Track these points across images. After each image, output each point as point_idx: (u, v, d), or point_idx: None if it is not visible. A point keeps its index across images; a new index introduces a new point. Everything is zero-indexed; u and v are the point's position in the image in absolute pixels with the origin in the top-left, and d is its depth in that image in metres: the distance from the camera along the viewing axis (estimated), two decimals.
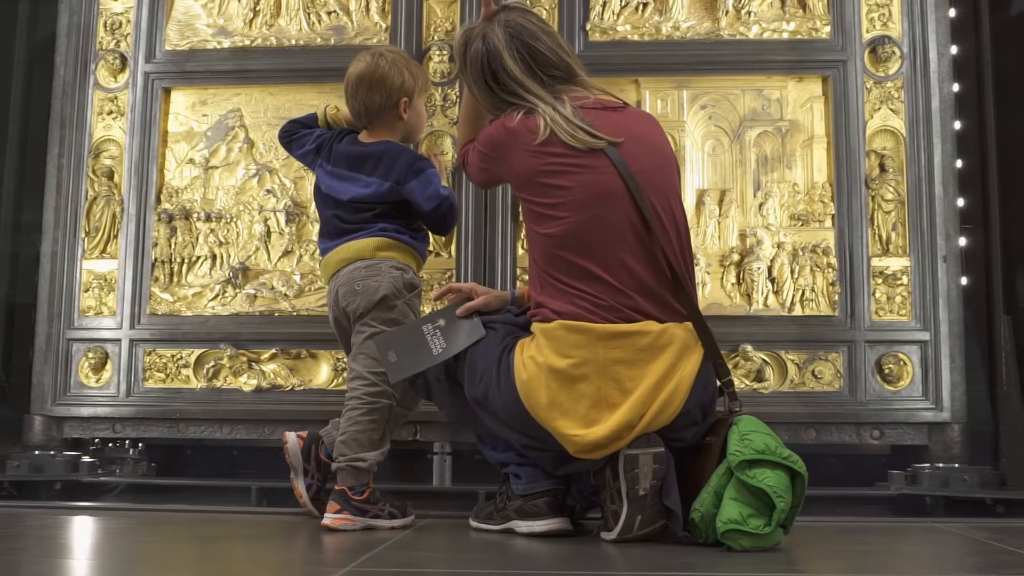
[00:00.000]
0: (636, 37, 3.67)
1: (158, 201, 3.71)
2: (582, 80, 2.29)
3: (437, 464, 3.52)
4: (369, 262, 2.43)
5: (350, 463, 2.27)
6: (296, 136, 2.68)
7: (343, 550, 1.95)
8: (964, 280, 3.51)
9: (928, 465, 3.37)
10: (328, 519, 2.24)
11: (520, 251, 3.56)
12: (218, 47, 3.75)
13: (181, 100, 3.78)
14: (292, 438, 2.53)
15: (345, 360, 3.55)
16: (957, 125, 3.57)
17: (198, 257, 3.68)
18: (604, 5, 3.69)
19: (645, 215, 2.10)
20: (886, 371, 3.45)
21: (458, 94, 3.63)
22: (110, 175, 3.73)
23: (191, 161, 3.74)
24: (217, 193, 3.72)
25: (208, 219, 3.68)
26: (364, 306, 2.40)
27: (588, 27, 3.67)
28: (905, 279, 3.49)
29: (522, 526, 2.17)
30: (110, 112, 3.76)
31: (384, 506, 2.32)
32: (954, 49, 3.60)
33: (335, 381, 3.58)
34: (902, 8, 3.61)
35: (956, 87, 3.58)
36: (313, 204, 3.64)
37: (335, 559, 1.82)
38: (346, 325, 2.48)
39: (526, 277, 3.50)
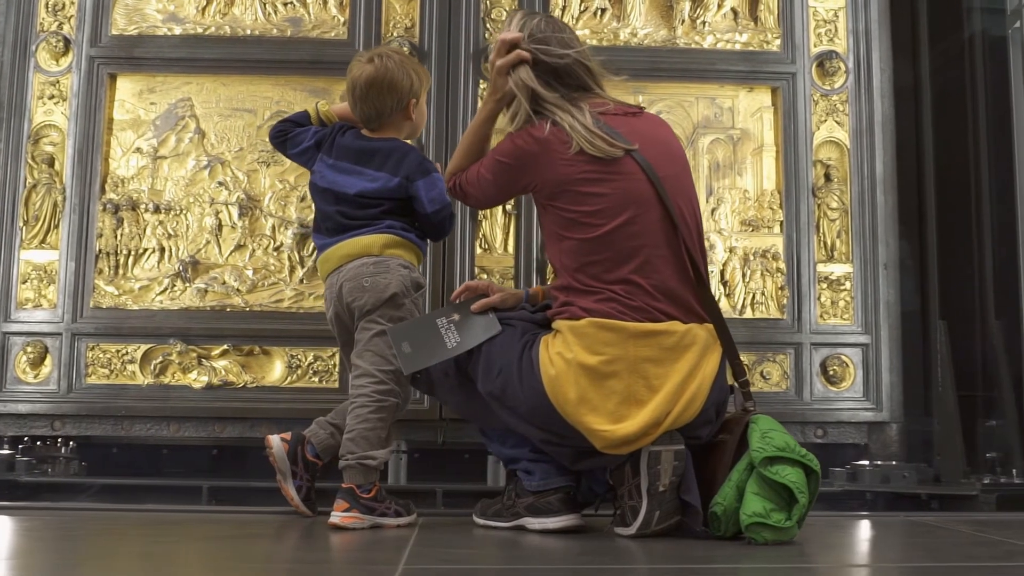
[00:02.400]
0: (594, 41, 3.71)
1: (103, 191, 3.57)
2: (600, 87, 2.32)
3: (392, 462, 3.51)
4: (377, 259, 2.40)
5: (360, 461, 2.24)
6: (291, 135, 2.61)
7: (365, 548, 1.93)
8: (902, 286, 3.68)
9: (867, 463, 3.53)
10: (336, 517, 2.20)
11: (479, 250, 3.57)
12: (168, 34, 3.64)
13: (127, 87, 3.65)
14: (276, 442, 2.45)
15: (297, 357, 3.53)
16: (897, 138, 3.74)
17: (145, 249, 3.56)
18: (563, 9, 3.74)
19: (673, 218, 2.15)
20: (830, 372, 3.59)
21: None
22: (51, 162, 3.57)
23: (138, 150, 3.61)
24: (166, 184, 3.61)
25: (156, 211, 3.57)
26: (372, 303, 2.37)
27: None
28: (848, 284, 3.64)
29: (535, 523, 2.18)
30: (51, 96, 3.61)
31: (390, 504, 2.29)
32: (895, 66, 3.77)
33: (289, 378, 3.52)
34: (847, 25, 3.77)
35: (897, 102, 3.75)
36: (267, 198, 3.61)
37: (374, 557, 1.79)
38: (347, 322, 2.44)
39: (484, 276, 3.55)
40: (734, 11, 3.77)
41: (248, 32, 3.66)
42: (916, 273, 3.75)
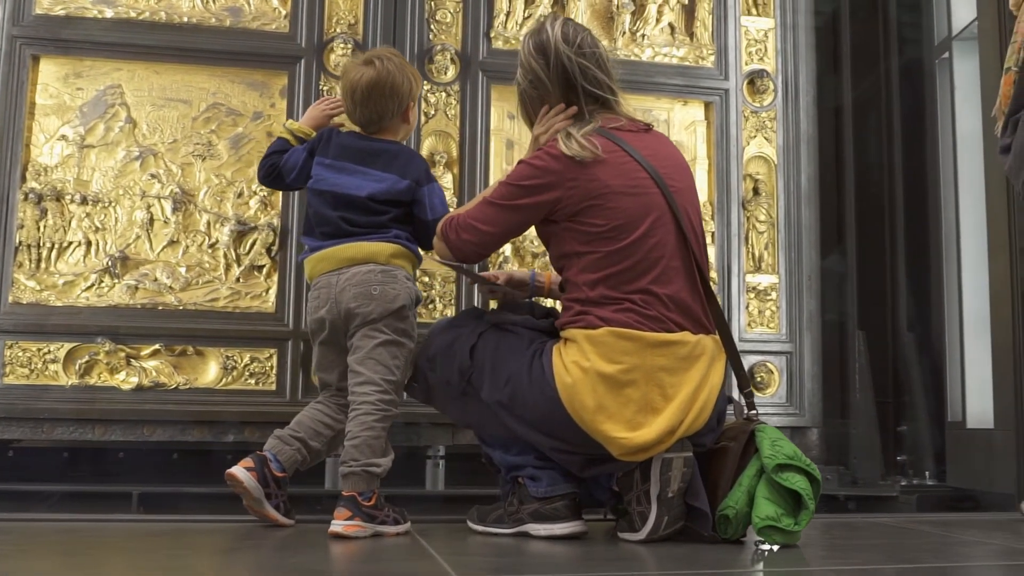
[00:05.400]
0: None
1: (23, 179, 3.37)
2: (618, 104, 2.33)
3: (330, 464, 3.44)
4: (384, 267, 2.34)
5: (365, 468, 2.18)
6: (281, 165, 2.50)
7: (389, 559, 1.88)
8: (824, 297, 3.86)
9: None
10: (339, 526, 2.13)
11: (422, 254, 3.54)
12: (99, 16, 3.46)
13: (51, 70, 3.45)
14: (243, 474, 2.30)
15: (233, 358, 3.42)
16: (820, 157, 3.92)
17: (70, 243, 3.38)
18: (508, 15, 3.75)
19: (685, 232, 2.19)
20: (757, 379, 3.73)
21: None
22: None
23: (63, 138, 3.42)
24: (93, 174, 3.43)
25: (83, 202, 3.39)
26: (379, 313, 2.31)
27: (492, 35, 3.71)
28: (774, 295, 3.80)
29: (540, 529, 2.18)
30: None
31: (389, 512, 2.25)
32: (820, 87, 3.95)
33: (224, 380, 3.41)
34: (776, 45, 3.93)
35: (820, 122, 3.93)
36: (202, 193, 3.48)
37: (415, 569, 1.76)
38: (339, 324, 2.36)
39: (427, 279, 3.53)
40: (671, 26, 3.87)
41: (185, 19, 3.52)
42: (836, 285, 3.94)
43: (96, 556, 1.99)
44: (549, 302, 2.74)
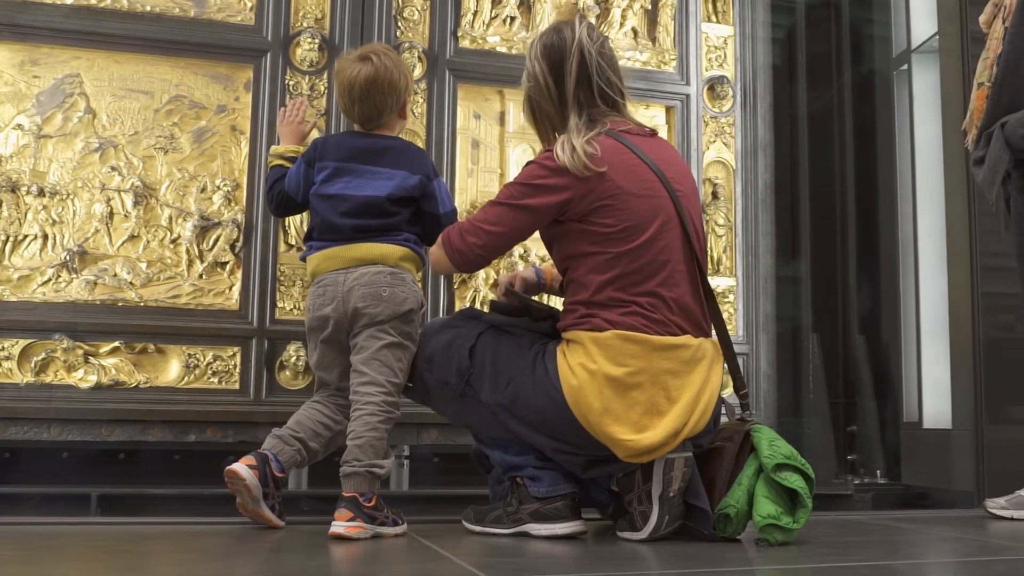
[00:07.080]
0: (504, 49, 3.76)
1: None
2: (624, 105, 2.37)
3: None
4: (392, 270, 2.31)
5: (368, 468, 2.15)
6: (285, 189, 2.47)
7: (401, 561, 1.87)
8: (778, 300, 3.95)
9: None
10: (340, 527, 2.10)
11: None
12: (58, 3, 3.35)
13: (6, 56, 3.33)
14: (246, 471, 2.24)
15: (195, 356, 3.35)
16: (776, 163, 4.02)
17: (26, 236, 3.26)
18: (475, 15, 3.75)
19: (689, 236, 2.22)
20: None
21: (327, 84, 3.53)
22: None
23: (19, 127, 3.30)
24: (50, 165, 3.32)
25: (40, 194, 3.28)
26: (387, 315, 2.28)
27: (459, 33, 3.71)
28: (732, 297, 3.87)
29: (541, 529, 2.18)
30: None
31: (388, 513, 2.22)
32: (776, 96, 4.04)
33: (186, 379, 3.33)
34: (735, 53, 4.01)
35: (776, 129, 4.03)
36: (164, 187, 3.40)
37: (439, 572, 1.74)
38: (343, 323, 2.32)
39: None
40: (635, 31, 3.92)
41: (147, 8, 3.43)
42: (791, 288, 4.04)
43: (84, 565, 1.92)
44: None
